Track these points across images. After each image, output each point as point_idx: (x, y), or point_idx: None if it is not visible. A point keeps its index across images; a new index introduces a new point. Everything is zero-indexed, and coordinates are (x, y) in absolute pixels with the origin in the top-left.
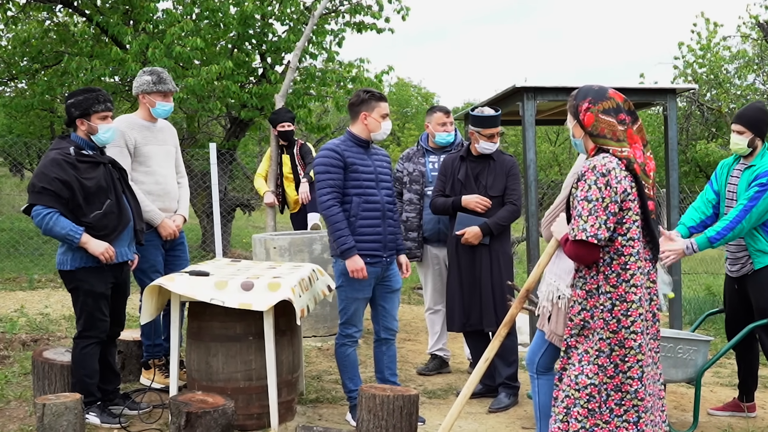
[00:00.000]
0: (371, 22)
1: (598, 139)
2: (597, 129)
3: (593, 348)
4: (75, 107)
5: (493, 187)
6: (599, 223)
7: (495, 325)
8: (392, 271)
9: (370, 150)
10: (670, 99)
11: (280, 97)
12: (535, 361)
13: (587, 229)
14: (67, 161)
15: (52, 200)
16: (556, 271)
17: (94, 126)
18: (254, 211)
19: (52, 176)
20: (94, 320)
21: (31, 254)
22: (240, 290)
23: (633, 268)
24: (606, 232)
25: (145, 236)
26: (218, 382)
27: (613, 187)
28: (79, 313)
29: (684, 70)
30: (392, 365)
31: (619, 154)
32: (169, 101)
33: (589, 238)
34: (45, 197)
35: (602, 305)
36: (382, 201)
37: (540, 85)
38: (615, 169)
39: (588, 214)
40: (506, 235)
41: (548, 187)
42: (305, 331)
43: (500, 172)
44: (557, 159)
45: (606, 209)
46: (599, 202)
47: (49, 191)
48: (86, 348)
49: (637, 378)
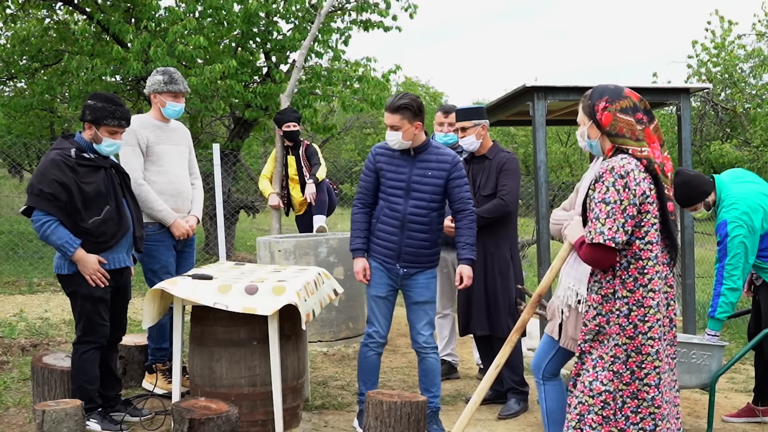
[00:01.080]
0: (378, 20)
1: (616, 139)
2: (615, 128)
3: (608, 354)
4: (90, 111)
5: (486, 186)
6: (617, 226)
7: (486, 329)
8: (414, 283)
9: (415, 158)
10: (684, 99)
11: (285, 97)
12: (542, 367)
13: (605, 232)
14: (66, 163)
15: (51, 205)
16: (575, 275)
17: (100, 136)
18: (258, 213)
19: (51, 178)
20: (93, 325)
21: (31, 257)
22: (244, 294)
23: (651, 273)
24: (624, 236)
25: (157, 236)
26: (222, 388)
27: (632, 190)
28: (78, 318)
29: (698, 69)
30: (425, 379)
31: (639, 154)
32: (179, 102)
33: (606, 241)
34: (44, 201)
35: (618, 310)
36: (405, 211)
37: (551, 85)
38: (634, 171)
39: (606, 217)
40: (502, 237)
41: (559, 189)
42: (311, 335)
43: (493, 170)
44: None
45: (624, 212)
46: (617, 204)
47: (48, 194)
48: (86, 353)
49: (654, 385)
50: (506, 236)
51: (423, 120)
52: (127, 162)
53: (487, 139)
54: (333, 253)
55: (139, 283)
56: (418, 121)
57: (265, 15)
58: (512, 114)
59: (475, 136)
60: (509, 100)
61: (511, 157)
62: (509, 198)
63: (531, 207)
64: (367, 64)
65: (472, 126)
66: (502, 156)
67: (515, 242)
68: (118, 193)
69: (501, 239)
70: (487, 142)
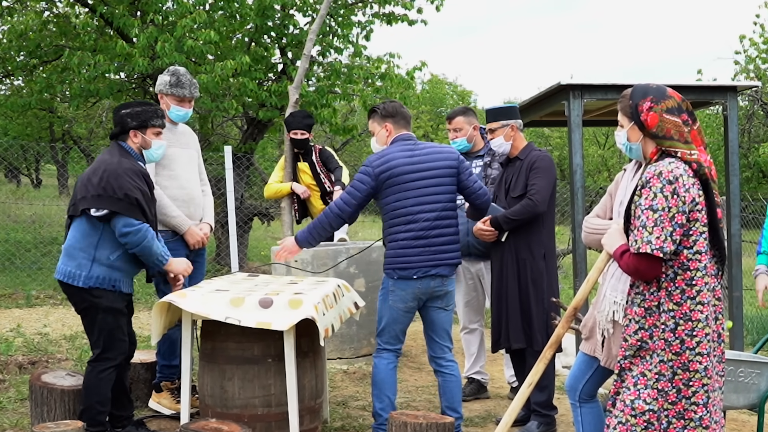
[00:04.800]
0: (402, 13)
1: (664, 142)
2: (663, 130)
3: (652, 371)
4: (132, 118)
5: (515, 187)
6: (665, 235)
7: (522, 342)
8: None
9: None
10: (731, 97)
11: (293, 89)
12: (578, 389)
13: (652, 242)
14: (141, 173)
15: (138, 212)
16: (623, 288)
17: (149, 140)
18: (273, 220)
19: (133, 185)
20: (114, 340)
21: (29, 268)
22: (258, 308)
23: (699, 284)
24: (672, 245)
25: (171, 245)
26: (234, 409)
27: (681, 196)
28: (97, 334)
29: (746, 65)
30: (446, 395)
31: (689, 157)
32: (183, 107)
33: (654, 251)
34: (133, 208)
35: (663, 324)
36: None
37: (588, 83)
38: (683, 176)
39: (653, 225)
40: (536, 245)
41: (596, 195)
42: (330, 352)
43: (524, 170)
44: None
45: (672, 220)
46: (665, 212)
47: (133, 200)
48: (104, 372)
49: (702, 404)
50: (539, 242)
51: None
52: None
53: (519, 140)
54: (353, 264)
55: (146, 295)
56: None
57: (280, 7)
58: (546, 114)
59: (504, 137)
60: (543, 99)
61: (542, 155)
62: (538, 197)
63: (566, 214)
64: (391, 61)
65: (500, 127)
66: (533, 155)
67: (551, 249)
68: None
69: (534, 244)
70: (519, 143)
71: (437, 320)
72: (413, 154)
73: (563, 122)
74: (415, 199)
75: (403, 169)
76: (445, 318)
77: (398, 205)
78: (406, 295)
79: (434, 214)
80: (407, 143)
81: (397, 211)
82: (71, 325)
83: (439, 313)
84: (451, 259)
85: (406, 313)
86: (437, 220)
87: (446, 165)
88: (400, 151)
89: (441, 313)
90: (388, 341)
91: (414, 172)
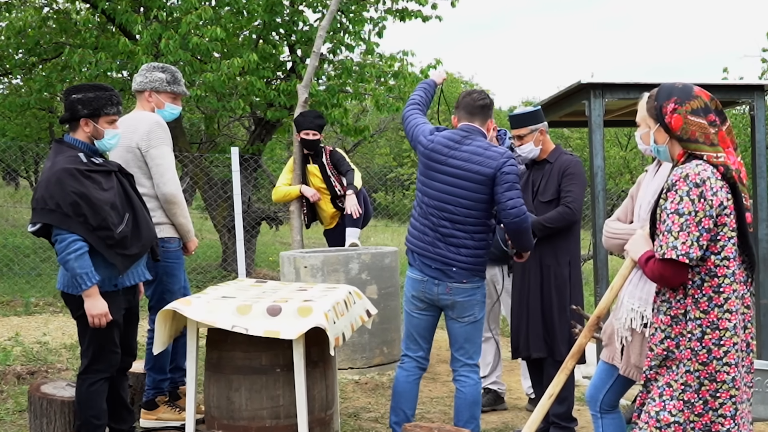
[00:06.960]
0: (416, 9)
1: (689, 144)
2: (687, 132)
3: (678, 381)
4: (83, 105)
5: (545, 192)
6: (691, 240)
7: (543, 351)
8: None
9: None
10: (758, 97)
11: (302, 88)
12: (599, 399)
13: (678, 247)
14: (81, 171)
15: (72, 222)
16: (640, 295)
17: (101, 130)
18: (282, 225)
19: (68, 190)
20: (104, 352)
21: (28, 274)
22: (266, 316)
23: (727, 292)
24: (698, 251)
25: (178, 253)
26: (241, 421)
27: (708, 200)
28: (87, 344)
29: None
30: (454, 409)
31: (715, 160)
32: (178, 104)
33: (680, 257)
34: (64, 218)
35: (690, 333)
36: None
37: (609, 81)
38: (710, 179)
39: (679, 230)
40: (562, 251)
41: (618, 198)
42: (341, 362)
43: (554, 174)
44: (628, 165)
45: (699, 224)
46: (692, 216)
47: (67, 209)
48: (94, 385)
49: (729, 416)
50: (566, 248)
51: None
52: (171, 165)
53: (547, 142)
54: (365, 270)
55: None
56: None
57: (289, 3)
58: (566, 114)
59: (534, 142)
60: (562, 99)
61: (574, 160)
62: (576, 205)
63: (587, 218)
64: (404, 59)
65: (529, 132)
66: (564, 159)
67: (576, 256)
68: (133, 199)
69: (560, 250)
70: (547, 146)
71: (451, 331)
72: (453, 147)
73: (584, 123)
74: (436, 194)
75: (438, 157)
76: (459, 330)
77: (422, 188)
78: (411, 289)
79: (448, 215)
80: (458, 134)
81: (419, 192)
82: (71, 333)
83: (452, 323)
84: (457, 267)
85: (413, 313)
86: (454, 224)
87: (479, 171)
88: (445, 139)
89: (454, 324)
90: (405, 343)
91: (444, 164)
